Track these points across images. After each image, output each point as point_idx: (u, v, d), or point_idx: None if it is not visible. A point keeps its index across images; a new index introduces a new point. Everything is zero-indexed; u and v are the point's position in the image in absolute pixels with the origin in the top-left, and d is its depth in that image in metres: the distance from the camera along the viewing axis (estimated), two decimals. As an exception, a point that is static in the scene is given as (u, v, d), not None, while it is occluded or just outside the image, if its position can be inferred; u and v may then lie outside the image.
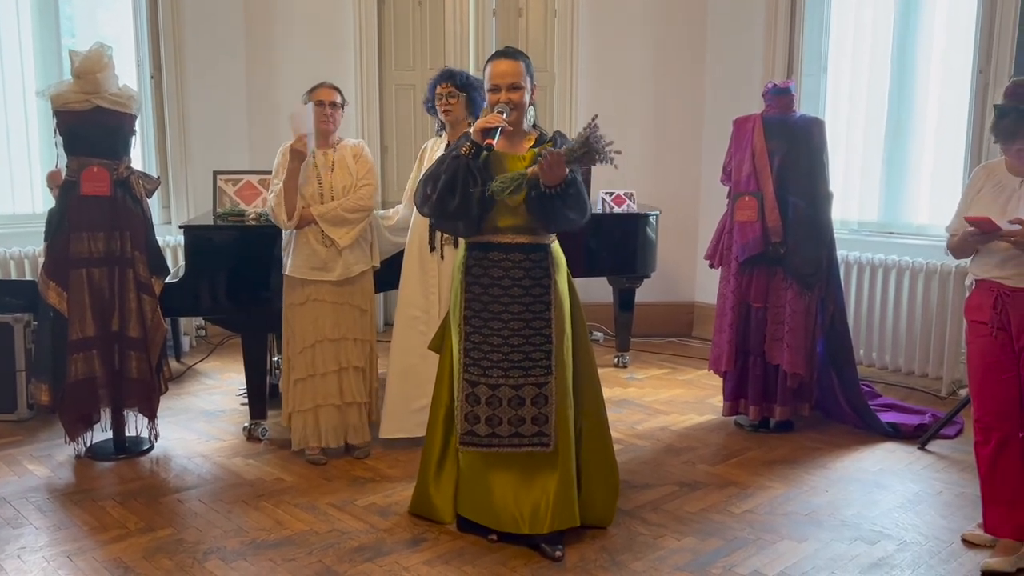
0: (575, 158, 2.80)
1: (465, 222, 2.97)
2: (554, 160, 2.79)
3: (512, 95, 2.93)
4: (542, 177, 2.82)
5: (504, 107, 2.92)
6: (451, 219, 2.99)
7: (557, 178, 2.82)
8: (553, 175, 2.81)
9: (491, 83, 2.97)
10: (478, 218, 2.94)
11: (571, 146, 2.81)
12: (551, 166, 2.79)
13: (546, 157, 2.79)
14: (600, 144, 2.77)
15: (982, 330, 2.93)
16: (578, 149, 2.79)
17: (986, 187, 2.99)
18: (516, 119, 2.98)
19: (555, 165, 2.79)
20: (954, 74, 4.82)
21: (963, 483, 3.55)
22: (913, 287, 4.85)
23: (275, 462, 3.79)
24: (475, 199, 2.87)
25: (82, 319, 3.66)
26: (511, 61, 2.97)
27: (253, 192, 4.35)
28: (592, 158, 2.80)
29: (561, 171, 2.81)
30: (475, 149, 2.86)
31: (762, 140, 4.06)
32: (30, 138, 5.15)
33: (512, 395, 2.97)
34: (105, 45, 3.67)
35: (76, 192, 3.65)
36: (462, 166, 2.87)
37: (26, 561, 2.91)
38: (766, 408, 4.19)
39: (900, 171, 5.10)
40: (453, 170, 2.88)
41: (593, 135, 2.77)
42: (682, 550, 3.01)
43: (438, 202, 2.92)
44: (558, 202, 2.87)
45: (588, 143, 2.77)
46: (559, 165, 2.80)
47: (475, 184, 2.86)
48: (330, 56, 5.88)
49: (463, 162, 2.87)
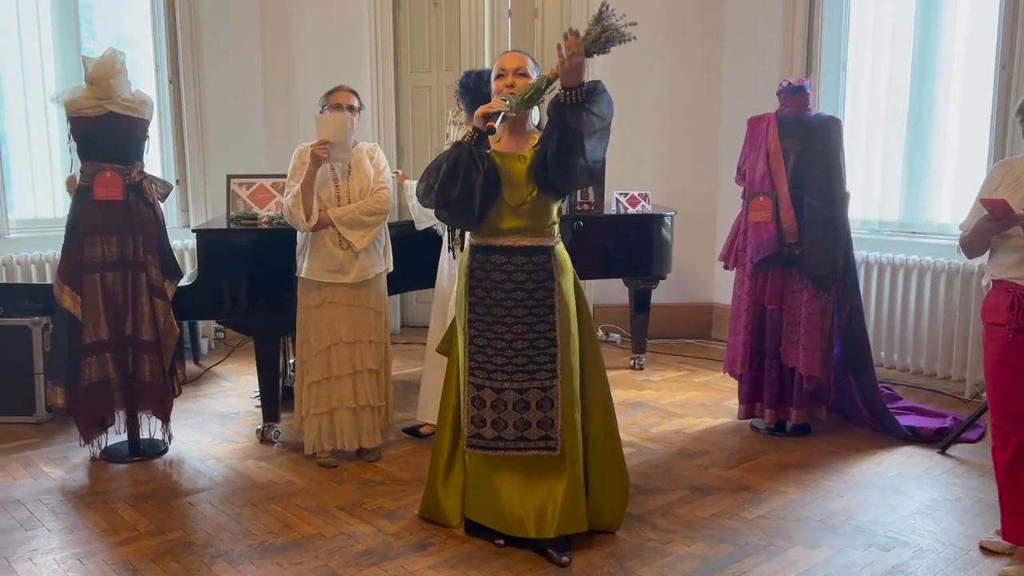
0: (592, 42, 2.62)
1: (467, 214, 2.89)
2: (571, 43, 2.61)
3: (518, 80, 2.89)
4: (561, 74, 2.67)
5: (509, 96, 2.86)
6: (453, 209, 2.91)
7: (577, 70, 2.64)
8: (573, 67, 2.62)
9: (498, 70, 2.95)
10: (481, 211, 2.88)
11: (587, 31, 2.63)
12: (569, 50, 2.61)
13: (564, 42, 2.62)
14: (615, 21, 2.61)
15: (999, 332, 2.85)
16: (593, 30, 2.62)
17: (1004, 183, 2.92)
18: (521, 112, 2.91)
19: (573, 50, 2.60)
20: (976, 70, 4.71)
21: (983, 489, 3.47)
22: (935, 287, 4.76)
23: (287, 465, 3.80)
24: (478, 187, 2.81)
25: (96, 323, 3.70)
26: (519, 53, 2.99)
27: (266, 195, 4.36)
28: (610, 39, 2.62)
29: (580, 60, 2.62)
30: (477, 135, 2.82)
31: (776, 139, 4.00)
32: (51, 143, 5.22)
33: (517, 399, 2.94)
34: (118, 51, 3.71)
35: (90, 197, 3.68)
36: (464, 152, 2.83)
37: (37, 563, 2.94)
38: (782, 411, 4.12)
39: (922, 169, 5.01)
40: (455, 157, 2.84)
41: (607, 13, 2.62)
42: (691, 556, 2.97)
43: (440, 191, 2.86)
44: (582, 111, 2.68)
45: (602, 21, 2.61)
46: (577, 51, 2.62)
47: (478, 172, 2.81)
48: (346, 59, 5.91)
49: (465, 149, 2.83)
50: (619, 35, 2.64)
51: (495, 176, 2.89)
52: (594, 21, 2.65)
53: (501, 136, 3.00)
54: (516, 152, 2.95)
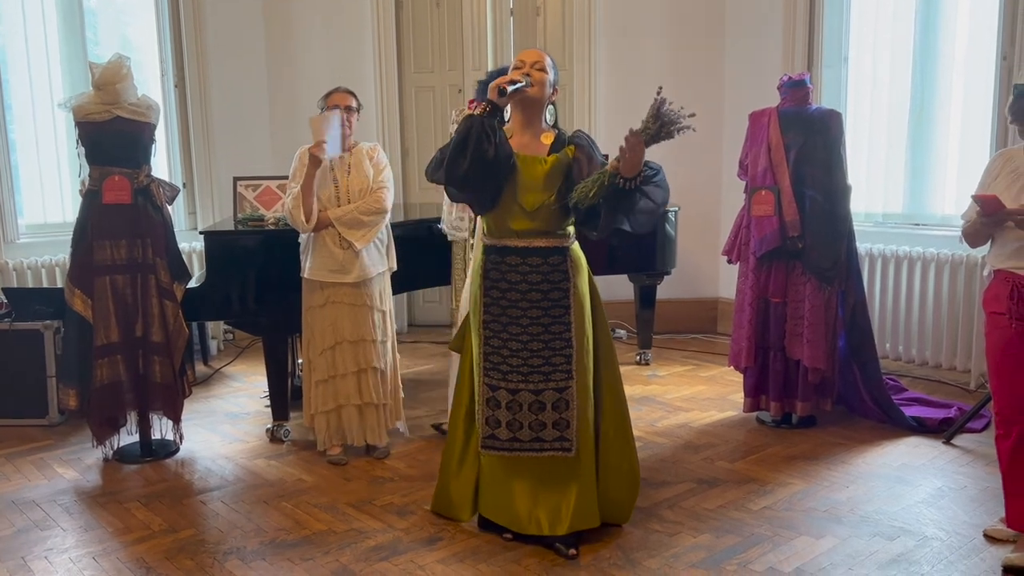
0: (651, 136, 2.66)
1: (478, 188, 2.85)
2: (633, 142, 2.65)
3: (535, 72, 2.88)
4: (623, 167, 2.70)
5: (527, 78, 2.84)
6: (463, 184, 2.84)
7: (637, 164, 2.69)
8: (634, 160, 2.68)
9: (517, 62, 2.93)
10: (492, 189, 2.84)
11: (644, 125, 2.66)
12: (631, 149, 2.66)
13: (626, 142, 2.65)
14: (673, 114, 2.63)
15: (1000, 321, 2.87)
16: (652, 125, 2.65)
17: (1003, 173, 2.93)
18: (536, 104, 2.90)
19: (635, 148, 2.66)
20: (978, 61, 4.73)
21: (988, 478, 3.49)
22: (939, 279, 4.78)
23: (297, 463, 3.84)
24: (489, 161, 2.74)
25: (107, 325, 3.74)
26: (538, 50, 2.99)
27: (273, 197, 4.41)
28: (668, 132, 2.65)
29: (640, 154, 2.68)
30: (491, 107, 2.75)
31: (778, 134, 4.02)
32: (59, 148, 5.27)
33: (532, 400, 2.96)
34: (124, 56, 3.75)
35: (98, 201, 3.73)
36: (476, 124, 2.74)
37: (52, 562, 2.98)
38: (787, 404, 4.15)
39: (924, 161, 5.02)
40: (466, 129, 2.75)
41: (663, 107, 2.64)
42: (697, 547, 2.99)
43: (449, 164, 2.79)
44: (638, 195, 2.74)
45: (660, 115, 2.63)
46: (639, 147, 2.67)
47: (488, 143, 2.74)
48: (350, 60, 5.95)
49: (477, 121, 2.74)
50: (677, 126, 2.65)
51: (507, 152, 2.84)
52: (652, 118, 2.66)
53: (513, 132, 2.96)
54: (534, 155, 2.92)
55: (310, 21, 6.00)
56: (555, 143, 2.95)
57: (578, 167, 2.90)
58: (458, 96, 6.04)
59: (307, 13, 6.00)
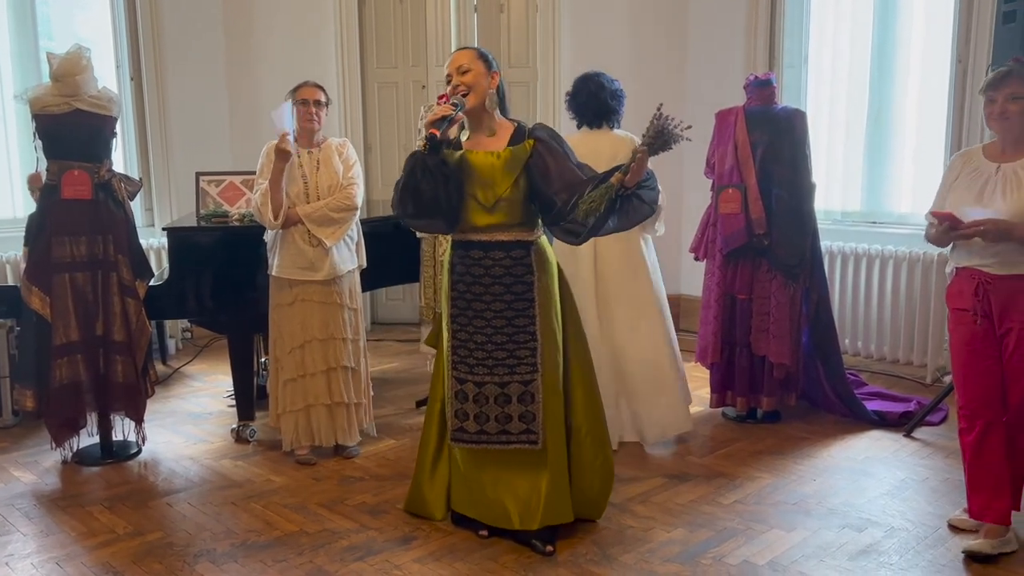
0: (655, 149, 2.75)
1: (435, 221, 2.98)
2: (644, 160, 2.75)
3: (463, 78, 2.90)
4: (629, 179, 2.78)
5: (459, 99, 2.86)
6: (421, 221, 3.02)
7: (641, 176, 2.80)
8: (640, 174, 2.79)
9: (447, 74, 2.96)
10: (450, 216, 2.92)
11: (650, 140, 2.74)
12: (640, 166, 2.76)
13: (636, 159, 2.74)
14: (672, 127, 2.72)
15: (964, 317, 2.94)
16: (654, 140, 2.73)
17: (963, 174, 3.00)
18: (474, 103, 2.91)
19: (642, 163, 2.76)
20: (933, 63, 4.85)
21: (948, 469, 3.59)
22: (897, 276, 4.89)
23: (264, 463, 3.78)
24: (439, 197, 2.84)
25: (66, 324, 3.64)
26: (464, 50, 3.00)
27: (236, 193, 4.33)
28: (667, 143, 2.74)
29: (645, 167, 2.79)
30: (430, 144, 2.78)
31: (744, 132, 4.07)
32: (9, 142, 5.11)
33: (498, 393, 2.97)
34: (84, 47, 3.65)
35: (57, 196, 3.62)
36: (418, 163, 2.84)
37: (14, 568, 2.89)
38: (753, 399, 4.21)
39: (881, 161, 5.13)
40: (409, 170, 2.87)
41: (664, 122, 2.72)
42: (672, 542, 3.02)
43: (399, 207, 2.95)
44: (636, 200, 2.83)
45: (663, 131, 2.71)
46: (645, 161, 2.76)
47: (434, 181, 2.82)
48: (311, 55, 5.86)
49: (419, 159, 2.83)
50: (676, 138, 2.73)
51: (457, 180, 2.90)
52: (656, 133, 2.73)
53: (469, 134, 3.00)
54: (487, 150, 2.94)
55: (271, 14, 5.91)
56: (515, 136, 2.96)
57: (539, 160, 2.91)
58: (422, 92, 6.00)
59: (268, 6, 5.90)
